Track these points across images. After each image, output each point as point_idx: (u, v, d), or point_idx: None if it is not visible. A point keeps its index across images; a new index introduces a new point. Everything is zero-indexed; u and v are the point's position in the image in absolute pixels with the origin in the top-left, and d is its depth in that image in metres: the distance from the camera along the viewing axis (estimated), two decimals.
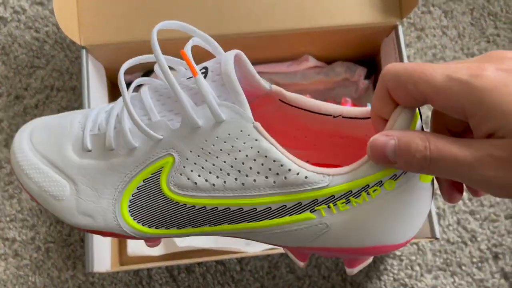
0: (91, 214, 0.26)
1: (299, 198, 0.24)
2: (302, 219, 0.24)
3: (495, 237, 0.54)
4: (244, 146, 0.24)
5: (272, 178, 0.24)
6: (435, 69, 0.20)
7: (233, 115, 0.24)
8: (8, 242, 0.53)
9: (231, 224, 0.25)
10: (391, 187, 0.23)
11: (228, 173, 0.24)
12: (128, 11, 0.47)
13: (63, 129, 0.28)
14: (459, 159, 0.19)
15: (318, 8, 0.48)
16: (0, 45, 0.57)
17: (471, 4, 0.60)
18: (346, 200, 0.24)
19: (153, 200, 0.26)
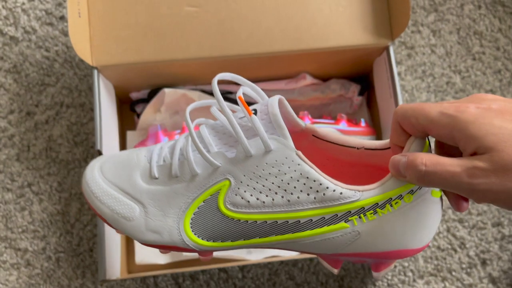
0: (159, 231, 0.31)
1: (336, 211, 0.29)
2: (338, 228, 0.30)
3: (483, 244, 0.58)
4: (289, 169, 0.29)
5: (312, 195, 0.29)
6: (431, 107, 0.26)
7: (280, 146, 0.29)
8: (20, 252, 0.55)
9: (278, 235, 0.31)
10: (409, 200, 0.29)
11: (276, 192, 0.30)
12: (136, 34, 0.50)
13: (130, 161, 0.32)
14: (450, 171, 0.25)
15: (314, 30, 0.51)
16: (12, 63, 0.60)
17: (458, 24, 0.64)
18: (374, 211, 0.29)
19: (212, 217, 0.31)
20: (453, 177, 0.25)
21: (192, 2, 0.51)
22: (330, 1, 0.51)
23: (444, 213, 0.58)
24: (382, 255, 0.31)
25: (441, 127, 0.26)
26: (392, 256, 0.31)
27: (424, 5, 0.64)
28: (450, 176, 0.25)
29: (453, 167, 0.25)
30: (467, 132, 0.25)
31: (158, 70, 0.52)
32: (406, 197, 0.29)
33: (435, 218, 0.31)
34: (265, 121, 0.30)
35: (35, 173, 0.57)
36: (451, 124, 0.25)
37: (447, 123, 0.26)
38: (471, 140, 0.25)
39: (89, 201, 0.33)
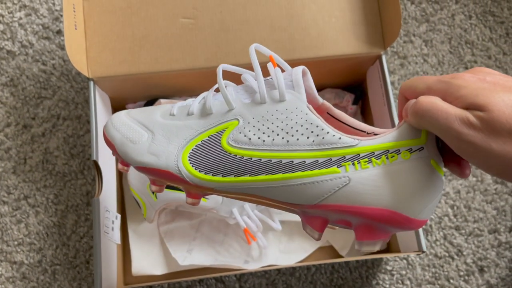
0: (157, 154, 0.33)
1: (330, 155, 0.30)
2: (329, 172, 0.30)
3: (480, 251, 0.58)
4: (296, 117, 0.31)
5: (312, 138, 0.30)
6: (430, 77, 0.29)
7: (293, 98, 0.31)
8: (16, 266, 0.55)
9: (268, 174, 0.31)
10: (406, 157, 0.29)
11: (278, 134, 0.31)
12: (132, 46, 0.51)
13: (155, 108, 0.36)
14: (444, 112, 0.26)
15: (307, 41, 0.52)
16: (9, 77, 0.60)
17: (449, 34, 0.65)
18: (369, 159, 0.29)
19: (211, 150, 0.32)
20: (445, 120, 0.26)
21: (188, 14, 0.52)
22: (323, 12, 0.52)
23: (440, 220, 0.58)
24: (368, 211, 0.30)
25: (435, 91, 0.28)
26: (378, 216, 0.29)
27: (415, 15, 0.65)
28: (443, 118, 0.26)
29: (448, 110, 0.26)
30: (458, 94, 0.26)
31: (154, 81, 0.52)
32: (403, 153, 0.29)
33: (433, 191, 0.30)
34: (286, 83, 0.32)
35: (31, 186, 0.57)
36: (445, 87, 0.27)
37: (441, 87, 0.27)
38: (463, 100, 0.26)
39: (105, 131, 0.35)
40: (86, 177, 0.58)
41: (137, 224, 0.55)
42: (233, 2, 0.52)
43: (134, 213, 0.56)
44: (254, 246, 0.55)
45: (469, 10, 0.66)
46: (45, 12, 0.62)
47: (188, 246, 0.54)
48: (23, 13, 0.62)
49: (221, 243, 0.55)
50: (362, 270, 0.56)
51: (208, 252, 0.54)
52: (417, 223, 0.30)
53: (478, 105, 0.25)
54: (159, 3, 0.52)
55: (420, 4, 0.65)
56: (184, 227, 0.55)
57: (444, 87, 0.28)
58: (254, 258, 0.54)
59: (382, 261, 0.57)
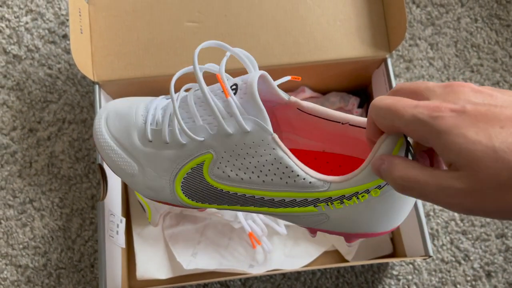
0: (155, 189, 0.35)
1: (306, 196, 0.31)
2: (308, 210, 0.32)
3: (487, 256, 0.57)
4: (264, 152, 0.30)
5: (285, 180, 0.31)
6: (405, 107, 0.25)
7: (257, 128, 0.30)
8: (21, 269, 0.55)
9: (256, 207, 0.33)
10: (376, 194, 0.30)
11: (252, 171, 0.31)
12: (137, 49, 0.51)
13: (130, 119, 0.36)
14: (428, 188, 0.24)
15: (312, 44, 0.52)
16: (15, 81, 0.61)
17: (455, 37, 0.64)
18: (341, 201, 0.30)
19: (199, 184, 0.33)
20: (430, 195, 0.24)
21: (192, 17, 0.52)
22: (328, 15, 0.52)
23: (447, 225, 0.58)
24: (350, 235, 0.33)
25: (414, 132, 0.25)
26: (359, 236, 0.33)
27: (421, 19, 0.65)
28: (428, 193, 0.24)
29: (430, 185, 0.24)
30: (441, 144, 0.23)
31: (159, 84, 0.52)
32: (373, 191, 0.30)
33: (404, 208, 0.32)
34: (244, 99, 0.31)
35: (36, 189, 0.57)
36: (425, 131, 0.24)
37: (421, 130, 0.24)
38: (446, 153, 0.23)
39: (99, 151, 0.37)
40: (91, 181, 0.58)
41: (142, 228, 0.55)
42: (238, 6, 0.52)
43: (139, 217, 0.56)
44: (259, 250, 0.54)
45: (475, 13, 0.65)
46: (51, 16, 0.63)
47: (193, 250, 0.54)
48: (29, 17, 0.62)
49: (226, 247, 0.55)
50: (368, 275, 0.56)
51: (213, 256, 0.54)
52: (384, 233, 0.33)
53: (461, 165, 0.23)
54: (164, 7, 0.52)
55: (425, 8, 0.65)
56: (189, 231, 0.55)
57: (424, 130, 0.24)
58: (259, 262, 0.54)
59: (388, 266, 0.56)
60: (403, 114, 0.25)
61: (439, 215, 0.58)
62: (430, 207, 0.58)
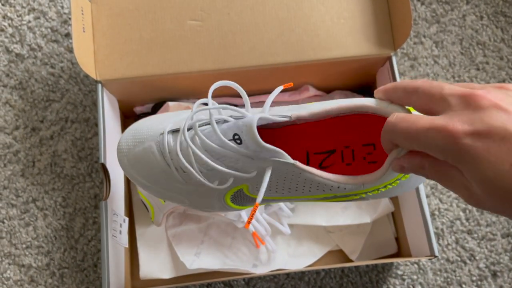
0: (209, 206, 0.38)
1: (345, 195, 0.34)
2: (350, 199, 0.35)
3: (493, 256, 0.56)
4: (293, 177, 0.32)
5: (321, 189, 0.33)
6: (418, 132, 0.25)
7: (278, 164, 0.32)
8: (24, 269, 0.55)
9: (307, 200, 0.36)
10: (406, 177, 0.33)
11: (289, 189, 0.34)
12: (140, 48, 0.51)
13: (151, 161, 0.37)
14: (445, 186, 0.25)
15: (316, 42, 0.51)
16: (18, 80, 0.60)
17: (460, 35, 0.64)
18: (377, 189, 0.33)
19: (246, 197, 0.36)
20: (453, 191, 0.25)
21: (195, 16, 0.51)
22: (332, 13, 0.52)
23: (452, 224, 0.57)
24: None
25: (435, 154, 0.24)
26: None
27: (426, 16, 0.64)
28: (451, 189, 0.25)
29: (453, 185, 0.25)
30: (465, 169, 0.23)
31: (162, 83, 0.52)
32: (403, 177, 0.33)
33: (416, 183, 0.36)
34: (253, 147, 0.31)
35: (39, 189, 0.57)
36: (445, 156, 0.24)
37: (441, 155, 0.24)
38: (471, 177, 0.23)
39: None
40: (94, 180, 0.58)
41: (145, 228, 0.55)
42: (241, 4, 0.51)
43: (142, 216, 0.56)
44: (262, 250, 0.54)
45: (481, 11, 0.65)
46: (53, 15, 0.62)
47: (196, 250, 0.54)
48: (32, 16, 0.62)
49: (229, 247, 0.54)
50: (372, 274, 0.56)
51: (216, 255, 0.54)
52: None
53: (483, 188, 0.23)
54: (167, 5, 0.52)
55: (430, 5, 0.65)
56: (192, 231, 0.55)
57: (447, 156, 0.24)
58: (263, 262, 0.54)
59: (392, 265, 0.56)
60: (419, 139, 0.24)
61: (444, 214, 0.58)
62: (435, 206, 0.58)
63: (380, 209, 0.54)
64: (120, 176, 0.53)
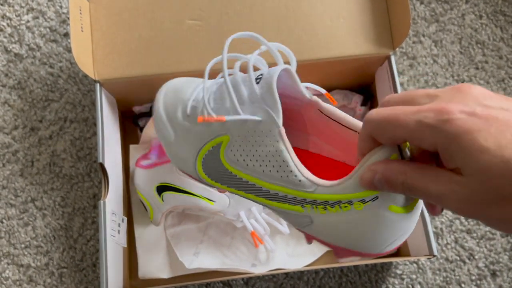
0: (183, 160, 0.37)
1: (295, 194, 0.31)
2: (296, 209, 0.32)
3: (492, 255, 0.56)
4: (269, 143, 0.31)
5: (280, 173, 0.31)
6: (407, 115, 0.24)
7: (268, 118, 0.31)
8: (23, 268, 0.55)
9: (255, 196, 0.34)
10: (359, 207, 0.29)
11: (256, 160, 0.32)
12: (139, 48, 0.51)
13: (181, 94, 0.39)
14: (429, 192, 0.24)
15: (315, 41, 0.51)
16: (17, 80, 0.60)
17: (459, 34, 0.64)
18: (324, 207, 0.30)
19: (215, 163, 0.35)
20: (430, 197, 0.24)
21: (194, 15, 0.51)
22: (330, 12, 0.52)
23: (451, 223, 0.57)
24: (332, 247, 0.32)
25: (421, 139, 0.23)
26: (341, 251, 0.32)
27: (425, 16, 0.64)
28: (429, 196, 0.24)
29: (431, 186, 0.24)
30: (450, 149, 0.22)
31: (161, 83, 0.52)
32: (356, 204, 0.29)
33: (392, 231, 0.30)
34: (265, 89, 0.31)
35: (38, 189, 0.57)
36: (433, 136, 0.23)
37: (428, 135, 0.23)
38: (454, 158, 0.22)
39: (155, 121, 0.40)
40: (93, 180, 0.58)
41: (143, 227, 0.55)
42: (240, 4, 0.51)
43: (141, 216, 0.55)
44: (261, 250, 0.54)
45: (480, 10, 0.65)
46: (52, 15, 0.62)
47: (195, 249, 0.54)
48: (31, 16, 0.62)
49: (228, 246, 0.54)
50: (371, 274, 0.56)
51: (215, 255, 0.54)
52: (379, 254, 0.31)
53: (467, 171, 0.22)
54: (165, 5, 0.52)
55: (429, 4, 0.64)
56: (191, 230, 0.55)
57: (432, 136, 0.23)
58: (262, 262, 0.54)
59: (392, 265, 0.56)
60: (407, 122, 0.23)
61: (443, 214, 0.57)
62: None
63: None
64: (119, 175, 0.53)
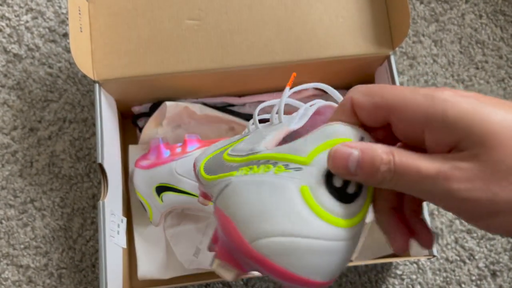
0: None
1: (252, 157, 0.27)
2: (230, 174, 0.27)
3: (492, 255, 0.56)
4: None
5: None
6: (402, 87, 0.21)
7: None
8: (22, 269, 0.55)
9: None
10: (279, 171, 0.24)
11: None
12: (138, 48, 0.51)
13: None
14: (423, 172, 0.19)
15: (314, 41, 0.51)
16: (16, 80, 0.60)
17: (459, 34, 0.64)
18: (252, 167, 0.26)
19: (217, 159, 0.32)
20: (425, 180, 0.19)
21: (193, 15, 0.51)
22: (330, 12, 0.52)
23: (451, 223, 0.57)
24: (218, 215, 0.25)
25: (413, 106, 0.20)
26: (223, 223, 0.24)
27: (424, 15, 0.64)
28: (422, 178, 0.19)
29: (426, 166, 0.19)
30: (448, 116, 0.19)
31: (160, 83, 0.52)
32: (278, 167, 0.24)
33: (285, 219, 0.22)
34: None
35: (37, 189, 0.57)
36: (427, 102, 0.19)
37: (422, 101, 0.20)
38: (452, 129, 0.19)
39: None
40: (92, 180, 0.58)
41: (143, 228, 0.55)
42: (239, 3, 0.51)
43: (140, 217, 0.55)
44: None
45: (480, 10, 0.64)
46: (51, 15, 0.62)
47: (195, 250, 0.54)
48: (30, 16, 0.62)
49: None
50: (371, 274, 0.55)
51: None
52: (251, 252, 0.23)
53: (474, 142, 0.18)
54: (164, 4, 0.51)
55: (429, 4, 0.64)
56: (190, 231, 0.55)
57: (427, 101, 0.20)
58: None
59: (392, 265, 0.56)
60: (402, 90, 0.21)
61: (443, 214, 0.57)
62: (434, 206, 0.57)
63: None
64: (118, 176, 0.53)
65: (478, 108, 0.19)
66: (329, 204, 0.22)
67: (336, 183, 0.22)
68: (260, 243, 0.22)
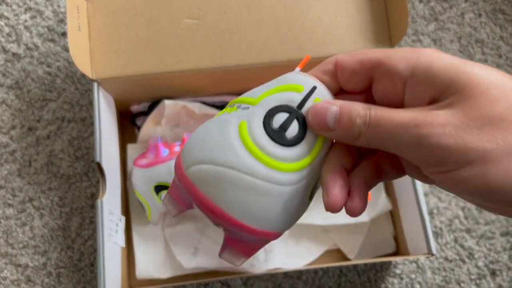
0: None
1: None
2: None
3: (492, 254, 0.56)
4: None
5: None
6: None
7: None
8: (21, 268, 0.55)
9: None
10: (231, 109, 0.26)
11: None
12: (136, 47, 0.50)
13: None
14: (396, 121, 0.19)
15: (313, 39, 0.51)
16: (14, 80, 0.60)
17: (459, 33, 0.64)
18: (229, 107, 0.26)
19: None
20: (396, 129, 0.19)
21: (192, 14, 0.51)
22: (329, 11, 0.51)
23: (450, 222, 0.57)
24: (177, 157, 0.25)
25: (397, 58, 0.20)
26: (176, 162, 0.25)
27: (424, 14, 0.64)
28: (394, 128, 0.19)
29: (401, 115, 0.19)
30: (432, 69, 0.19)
31: (158, 82, 0.52)
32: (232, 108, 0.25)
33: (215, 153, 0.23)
34: None
35: (36, 188, 0.57)
36: (413, 54, 0.19)
37: (407, 53, 0.20)
38: (435, 81, 0.18)
39: None
40: (91, 180, 0.57)
41: (141, 227, 0.55)
42: (238, 2, 0.51)
43: (139, 216, 0.55)
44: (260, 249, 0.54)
45: (479, 8, 0.64)
46: (50, 14, 0.62)
47: (194, 249, 0.54)
48: (28, 15, 0.62)
49: None
50: (370, 273, 0.55)
51: (214, 255, 0.54)
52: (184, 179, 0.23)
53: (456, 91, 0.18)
54: (163, 4, 0.51)
55: (428, 3, 0.64)
56: (189, 230, 0.55)
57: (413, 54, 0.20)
58: (260, 261, 0.53)
59: (391, 264, 0.56)
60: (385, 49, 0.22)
61: (443, 213, 0.57)
62: (434, 205, 0.57)
63: (379, 208, 0.54)
64: (117, 175, 0.53)
65: (463, 63, 0.19)
66: (263, 143, 0.22)
67: (274, 125, 0.23)
68: (193, 169, 0.23)
